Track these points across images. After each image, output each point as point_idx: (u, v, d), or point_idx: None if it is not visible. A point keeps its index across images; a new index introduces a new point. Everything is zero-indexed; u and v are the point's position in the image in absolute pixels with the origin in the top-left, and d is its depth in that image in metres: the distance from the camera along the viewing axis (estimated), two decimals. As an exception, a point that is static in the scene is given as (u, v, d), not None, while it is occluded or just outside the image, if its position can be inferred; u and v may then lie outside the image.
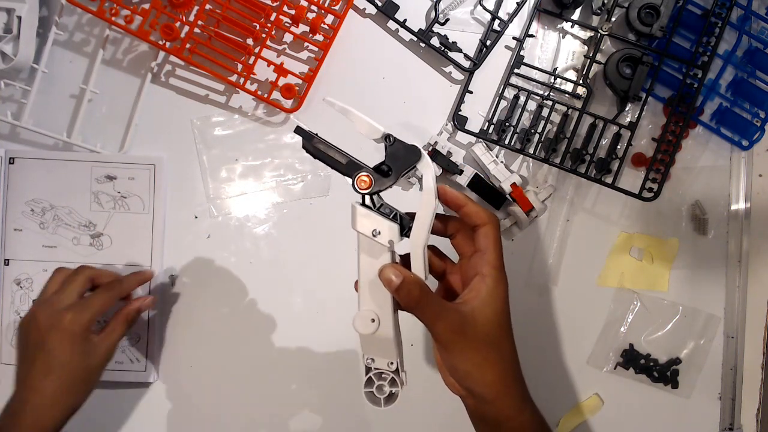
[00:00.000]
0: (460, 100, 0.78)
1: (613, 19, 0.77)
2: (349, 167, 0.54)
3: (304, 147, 0.55)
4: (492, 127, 0.78)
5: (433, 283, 0.58)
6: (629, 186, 0.76)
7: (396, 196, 0.60)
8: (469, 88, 0.78)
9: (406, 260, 0.54)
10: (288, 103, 0.79)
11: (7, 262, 0.81)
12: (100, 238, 0.81)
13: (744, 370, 0.79)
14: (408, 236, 0.54)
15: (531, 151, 0.77)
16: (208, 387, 0.82)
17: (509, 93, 0.78)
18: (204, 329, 0.81)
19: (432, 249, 0.59)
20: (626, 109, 0.78)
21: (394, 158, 0.54)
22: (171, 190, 0.81)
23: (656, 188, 0.75)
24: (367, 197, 0.54)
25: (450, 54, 0.78)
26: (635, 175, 0.79)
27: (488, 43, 0.77)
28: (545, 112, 0.77)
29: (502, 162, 0.77)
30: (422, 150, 0.54)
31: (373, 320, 0.54)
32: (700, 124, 0.79)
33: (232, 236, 0.81)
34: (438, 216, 0.57)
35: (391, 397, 0.55)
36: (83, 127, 0.81)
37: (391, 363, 0.55)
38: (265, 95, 0.78)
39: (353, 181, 0.54)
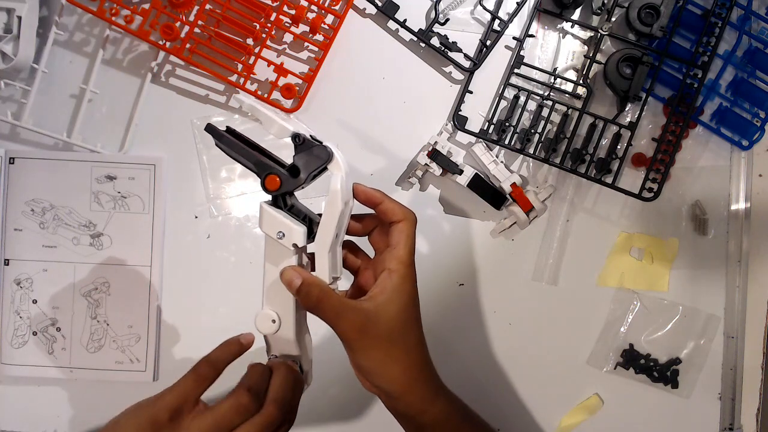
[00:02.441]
0: (460, 101, 0.78)
1: (613, 19, 0.77)
2: (259, 167, 0.54)
3: (216, 145, 0.55)
4: (492, 127, 0.78)
5: (349, 281, 0.60)
6: (629, 186, 0.76)
7: (398, 197, 0.60)
8: (469, 89, 0.78)
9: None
10: (288, 103, 0.79)
11: (7, 262, 0.81)
12: (100, 238, 0.81)
13: (744, 370, 0.79)
14: (311, 237, 0.54)
15: (531, 151, 0.77)
16: (208, 387, 0.81)
17: (509, 93, 0.78)
18: (204, 329, 0.81)
19: (348, 245, 0.60)
20: (626, 109, 0.78)
21: (303, 158, 0.54)
22: (171, 190, 0.81)
23: (656, 188, 0.75)
24: (279, 198, 0.55)
25: (450, 54, 0.78)
26: (635, 175, 0.79)
27: (488, 43, 0.77)
28: (545, 112, 0.77)
29: (502, 162, 0.77)
30: (333, 150, 0.54)
31: (273, 321, 0.55)
32: (700, 124, 0.79)
33: (232, 236, 0.81)
34: (355, 216, 0.58)
35: None
36: (83, 127, 0.80)
37: (294, 362, 0.57)
38: (266, 95, 0.78)
39: (261, 181, 0.54)
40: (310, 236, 0.54)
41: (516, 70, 0.77)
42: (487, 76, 0.79)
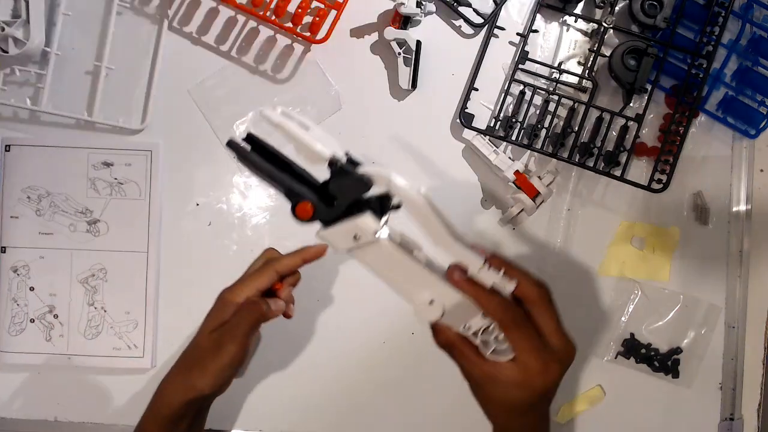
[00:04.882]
0: (466, 98, 0.77)
1: (617, 9, 0.76)
2: (289, 193, 0.49)
3: (239, 161, 0.50)
4: (498, 123, 0.78)
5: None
6: (635, 177, 0.76)
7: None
8: (474, 86, 0.78)
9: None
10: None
11: (3, 250, 0.80)
12: (97, 224, 0.81)
13: (745, 360, 0.79)
14: (386, 211, 0.50)
15: (538, 146, 0.77)
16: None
17: (515, 89, 0.78)
18: (202, 315, 0.81)
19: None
20: (632, 101, 0.77)
21: (339, 185, 0.48)
22: (174, 177, 0.81)
23: (665, 179, 0.75)
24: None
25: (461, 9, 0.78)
26: (638, 165, 0.79)
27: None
28: (551, 106, 0.77)
29: (503, 153, 0.77)
30: (373, 177, 0.47)
31: (431, 302, 0.50)
32: (706, 114, 0.78)
33: (233, 224, 0.81)
34: None
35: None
36: (102, 105, 0.80)
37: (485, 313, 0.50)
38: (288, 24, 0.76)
39: (292, 209, 0.49)
40: (382, 211, 0.50)
41: (521, 66, 0.77)
42: (492, 72, 0.79)
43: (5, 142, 0.80)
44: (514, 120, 0.77)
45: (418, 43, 0.77)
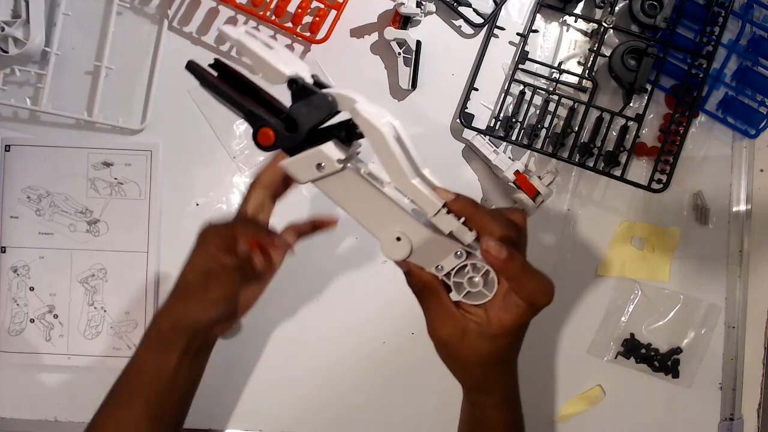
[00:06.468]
0: (466, 98, 0.77)
1: (617, 9, 0.76)
2: (250, 117, 0.45)
3: (201, 86, 0.46)
4: (498, 123, 0.78)
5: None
6: (635, 177, 0.76)
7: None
8: (474, 86, 0.78)
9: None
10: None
11: (3, 250, 0.80)
12: (97, 224, 0.81)
13: (745, 359, 0.79)
14: (352, 139, 0.47)
15: (538, 146, 0.77)
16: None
17: (515, 89, 0.78)
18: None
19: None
20: (632, 101, 0.77)
21: (302, 109, 0.44)
22: (174, 177, 0.81)
23: (665, 179, 0.75)
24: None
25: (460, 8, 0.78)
26: (638, 165, 0.78)
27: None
28: (551, 106, 0.77)
29: (503, 152, 0.77)
30: (339, 94, 0.45)
31: (398, 238, 0.47)
32: (706, 113, 0.78)
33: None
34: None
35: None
36: (102, 105, 0.80)
37: (458, 253, 0.47)
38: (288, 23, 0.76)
39: (253, 135, 0.46)
40: (348, 139, 0.47)
41: (521, 66, 0.77)
42: (492, 72, 0.79)
43: (5, 142, 0.80)
44: (514, 120, 0.77)
45: (418, 43, 0.77)
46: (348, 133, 0.47)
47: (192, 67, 0.45)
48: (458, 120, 0.78)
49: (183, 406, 0.61)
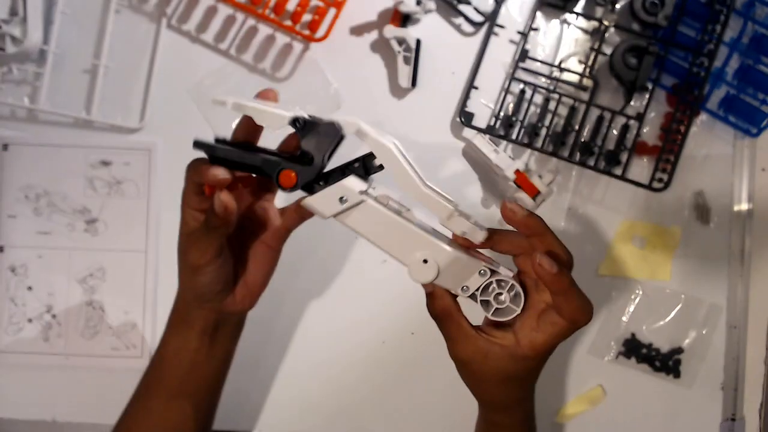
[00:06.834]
0: (466, 96, 0.77)
1: (618, 7, 0.76)
2: (267, 166, 0.48)
3: (210, 161, 0.49)
4: (499, 122, 0.77)
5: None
6: (636, 176, 0.76)
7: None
8: (474, 84, 0.77)
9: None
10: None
11: (1, 249, 0.80)
12: (95, 223, 0.80)
13: (747, 360, 0.79)
14: (369, 173, 0.50)
15: (539, 145, 0.76)
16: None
17: (515, 87, 0.78)
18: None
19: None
20: (633, 100, 0.77)
21: (312, 142, 0.48)
22: (173, 175, 0.80)
23: (666, 179, 0.75)
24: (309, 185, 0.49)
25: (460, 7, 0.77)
26: (639, 164, 0.78)
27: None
28: (552, 105, 0.77)
29: (503, 151, 0.76)
30: (341, 123, 0.48)
31: (425, 260, 0.49)
32: (708, 112, 0.78)
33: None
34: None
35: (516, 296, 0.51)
36: (101, 103, 0.79)
37: (482, 271, 0.49)
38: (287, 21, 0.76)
39: (275, 180, 0.48)
40: (366, 173, 0.50)
41: (521, 64, 0.77)
42: (492, 71, 0.78)
43: (3, 141, 0.80)
44: (514, 119, 0.77)
45: (418, 41, 0.77)
46: (365, 168, 0.50)
47: (199, 144, 0.49)
48: (458, 119, 0.77)
49: (211, 390, 0.62)
